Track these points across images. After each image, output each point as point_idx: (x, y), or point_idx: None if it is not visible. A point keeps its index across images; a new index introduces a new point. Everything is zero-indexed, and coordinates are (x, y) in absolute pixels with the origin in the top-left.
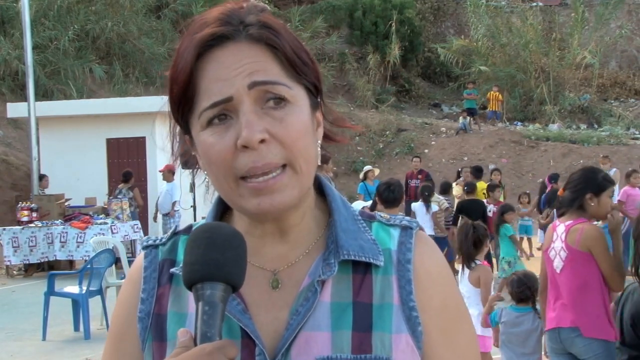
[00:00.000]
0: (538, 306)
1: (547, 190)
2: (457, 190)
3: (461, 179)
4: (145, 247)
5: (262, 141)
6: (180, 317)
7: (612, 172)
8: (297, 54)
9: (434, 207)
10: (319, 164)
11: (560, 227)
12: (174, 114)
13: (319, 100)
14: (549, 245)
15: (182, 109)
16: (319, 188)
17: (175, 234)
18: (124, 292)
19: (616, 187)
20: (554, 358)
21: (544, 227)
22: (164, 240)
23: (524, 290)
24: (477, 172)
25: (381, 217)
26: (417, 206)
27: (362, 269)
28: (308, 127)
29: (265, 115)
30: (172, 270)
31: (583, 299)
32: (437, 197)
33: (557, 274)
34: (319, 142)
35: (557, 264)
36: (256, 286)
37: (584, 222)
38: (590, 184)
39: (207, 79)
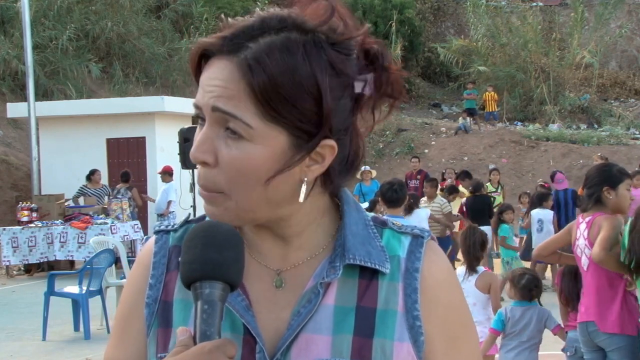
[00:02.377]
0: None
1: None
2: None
3: (448, 181)
4: (157, 232)
5: (206, 163)
6: (186, 305)
7: None
8: (283, 93)
9: (425, 212)
10: (300, 201)
11: (582, 224)
12: None
13: (311, 143)
14: (574, 242)
15: None
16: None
17: (188, 222)
18: (133, 276)
19: None
20: (587, 354)
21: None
22: (176, 226)
23: (532, 289)
24: (466, 175)
25: (393, 224)
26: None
27: (368, 275)
28: (261, 168)
29: (222, 138)
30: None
31: (608, 294)
32: (440, 199)
33: (585, 271)
34: (306, 178)
35: (584, 261)
36: (260, 284)
37: (602, 215)
38: (606, 177)
39: (201, 79)
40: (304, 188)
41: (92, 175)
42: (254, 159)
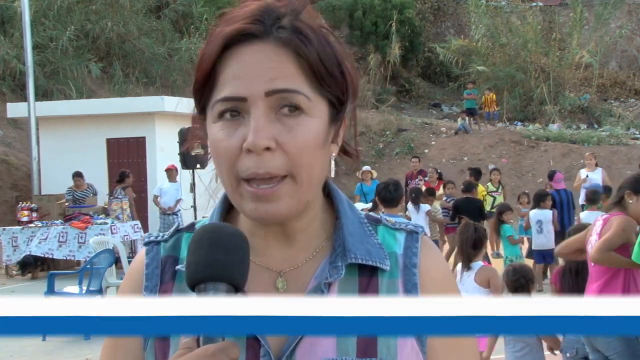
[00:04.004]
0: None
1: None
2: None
3: (428, 177)
4: (146, 244)
5: (268, 149)
6: None
7: (598, 172)
8: (325, 65)
9: (426, 207)
10: (332, 176)
11: (599, 222)
12: (194, 99)
13: (341, 113)
14: (587, 238)
15: (201, 96)
16: (326, 190)
17: (178, 230)
18: (125, 289)
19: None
20: (592, 354)
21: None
22: (165, 237)
23: (519, 279)
24: (477, 174)
25: (386, 220)
26: (410, 208)
27: (368, 273)
28: (319, 141)
29: (276, 122)
30: (177, 267)
31: (613, 286)
32: (435, 206)
33: (592, 266)
34: (334, 155)
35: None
36: (262, 286)
37: (618, 215)
38: (634, 182)
39: (227, 73)
40: (333, 164)
41: (73, 178)
42: (314, 130)
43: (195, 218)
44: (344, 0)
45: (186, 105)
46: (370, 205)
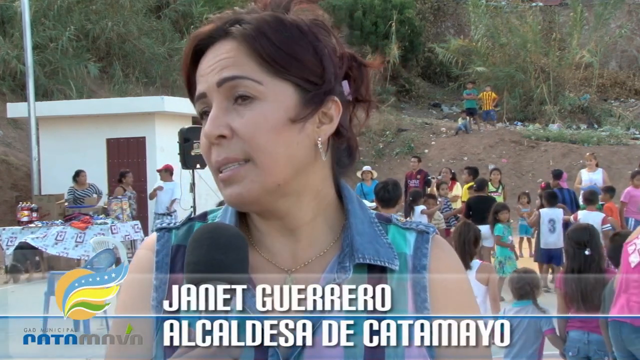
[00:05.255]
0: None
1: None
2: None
3: (441, 176)
4: (158, 230)
5: (223, 136)
6: None
7: (599, 172)
8: (284, 49)
9: (420, 208)
10: (323, 158)
11: None
12: (192, 102)
13: (318, 95)
14: (631, 239)
15: (192, 98)
16: (338, 190)
17: (190, 219)
18: (135, 276)
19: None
20: (620, 358)
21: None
22: (178, 224)
23: (524, 286)
24: (474, 173)
25: (397, 220)
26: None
27: (377, 273)
28: (276, 123)
29: (232, 111)
30: None
31: None
32: (438, 215)
33: (631, 269)
34: (320, 139)
35: (633, 258)
36: (270, 285)
37: None
38: None
39: (197, 74)
40: (321, 147)
41: (77, 177)
42: (268, 113)
43: None
44: (344, 0)
45: (186, 105)
46: (374, 204)
